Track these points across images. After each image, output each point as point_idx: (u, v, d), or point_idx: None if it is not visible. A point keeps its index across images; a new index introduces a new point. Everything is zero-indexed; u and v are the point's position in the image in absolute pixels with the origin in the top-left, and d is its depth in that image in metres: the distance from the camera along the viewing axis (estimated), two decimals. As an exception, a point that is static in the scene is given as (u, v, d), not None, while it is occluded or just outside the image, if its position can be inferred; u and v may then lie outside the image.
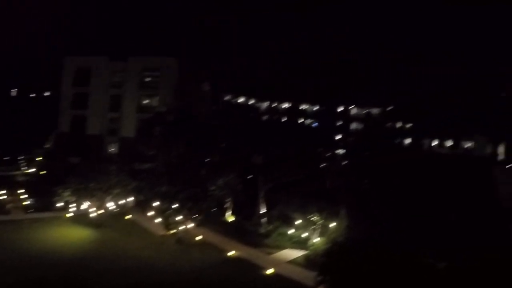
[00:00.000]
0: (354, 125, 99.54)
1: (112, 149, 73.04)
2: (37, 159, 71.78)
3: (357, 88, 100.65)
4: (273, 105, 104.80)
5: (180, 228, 40.94)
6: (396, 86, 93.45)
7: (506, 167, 48.00)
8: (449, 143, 67.69)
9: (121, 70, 74.26)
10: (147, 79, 73.87)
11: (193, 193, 43.12)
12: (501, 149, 55.34)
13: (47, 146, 77.24)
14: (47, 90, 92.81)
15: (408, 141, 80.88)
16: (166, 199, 42.99)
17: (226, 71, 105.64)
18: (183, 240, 40.86)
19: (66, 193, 45.71)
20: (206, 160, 56.73)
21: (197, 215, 41.90)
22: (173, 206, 41.59)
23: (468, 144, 64.88)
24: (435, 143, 70.72)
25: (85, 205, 46.10)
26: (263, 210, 48.47)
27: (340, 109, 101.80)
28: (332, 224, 42.34)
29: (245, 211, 49.56)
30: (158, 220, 42.83)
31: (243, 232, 45.10)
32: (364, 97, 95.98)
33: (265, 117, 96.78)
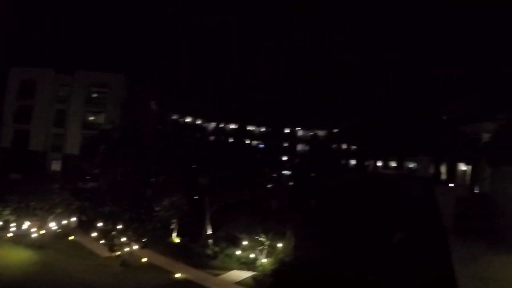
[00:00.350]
0: (300, 147, 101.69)
1: (55, 166, 70.92)
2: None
3: (303, 111, 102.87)
4: (220, 126, 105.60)
5: (125, 250, 40.15)
6: (342, 109, 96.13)
7: (447, 186, 49.66)
8: (393, 163, 70.07)
9: (67, 84, 72.11)
10: (94, 95, 72.20)
11: (138, 214, 42.43)
12: (443, 169, 57.46)
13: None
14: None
15: (353, 162, 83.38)
16: (110, 219, 42.16)
17: (174, 90, 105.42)
18: (128, 262, 39.89)
19: (6, 212, 43.90)
20: (151, 180, 56.20)
21: (142, 237, 41.33)
22: (117, 227, 40.85)
23: (412, 165, 67.22)
24: (379, 163, 72.93)
25: (26, 225, 44.39)
26: (209, 231, 48.38)
27: (287, 130, 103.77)
28: (279, 245, 42.65)
29: (191, 232, 49.22)
30: (102, 241, 41.84)
31: (190, 254, 44.55)
32: (310, 119, 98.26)
33: (212, 138, 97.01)
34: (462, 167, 56.32)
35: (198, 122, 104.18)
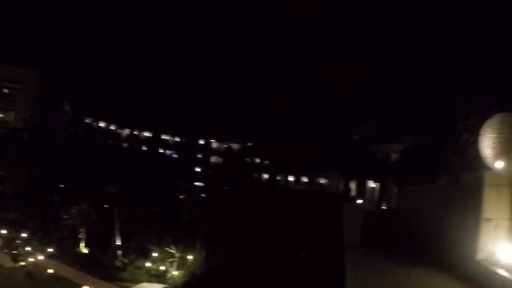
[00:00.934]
0: (214, 159, 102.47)
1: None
2: None
3: (218, 123, 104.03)
4: (134, 133, 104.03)
5: (30, 260, 38.60)
6: (256, 123, 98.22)
7: (356, 202, 51.95)
8: (305, 179, 72.26)
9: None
10: (5, 90, 68.46)
11: (44, 222, 41.01)
12: (353, 186, 60.42)
13: None
14: None
15: (265, 176, 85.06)
16: (14, 227, 40.41)
17: (90, 94, 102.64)
18: (33, 273, 38.21)
19: None
20: (60, 186, 54.45)
21: (48, 246, 39.98)
22: (22, 235, 39.24)
23: (323, 181, 69.65)
24: (291, 178, 74.88)
25: None
26: (119, 242, 47.54)
27: (201, 142, 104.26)
28: (190, 257, 42.84)
29: (100, 242, 48.11)
30: (5, 250, 39.91)
31: (98, 265, 43.54)
32: (225, 132, 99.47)
33: (125, 145, 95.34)
34: (371, 184, 59.72)
35: (112, 127, 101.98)
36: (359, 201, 50.57)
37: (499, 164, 16.47)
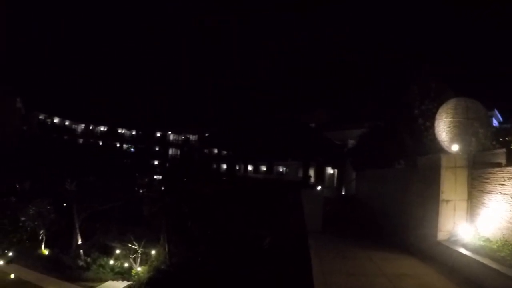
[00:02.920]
0: (172, 151, 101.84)
1: None
2: None
3: (175, 114, 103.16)
4: (90, 127, 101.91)
5: (-11, 265, 37.70)
6: (213, 113, 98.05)
7: (314, 190, 52.54)
8: (263, 167, 72.42)
9: None
10: None
11: (2, 225, 39.93)
12: (311, 173, 61.06)
13: None
14: None
15: (224, 166, 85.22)
16: (-30, 231, 39.24)
17: (42, 88, 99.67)
18: (-6, 279, 37.76)
19: None
20: (16, 186, 53.03)
21: (7, 250, 39.00)
22: (-21, 240, 38.19)
23: (281, 169, 70.02)
24: (250, 168, 75.01)
25: None
26: (80, 241, 46.78)
27: (158, 134, 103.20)
28: (153, 251, 42.57)
29: (61, 242, 47.21)
30: (-38, 257, 38.75)
31: (61, 266, 42.67)
32: (182, 123, 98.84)
33: (80, 140, 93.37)
34: (330, 170, 60.56)
35: (67, 123, 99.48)
36: (319, 188, 51.33)
37: (455, 147, 17.19)
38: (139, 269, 41.15)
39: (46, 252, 46.76)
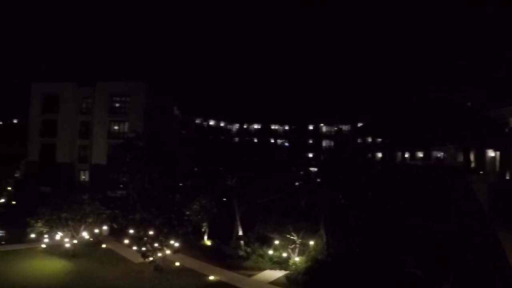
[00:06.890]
0: (325, 143, 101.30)
1: (84, 177, 71.66)
2: (7, 189, 70.12)
3: (325, 106, 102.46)
4: (244, 126, 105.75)
5: (158, 255, 40.10)
6: (363, 103, 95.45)
7: (478, 174, 48.08)
8: (420, 154, 68.12)
9: (89, 95, 72.63)
10: (117, 104, 72.45)
11: (169, 219, 42.30)
12: (472, 157, 55.76)
13: (16, 175, 75.42)
14: (14, 118, 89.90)
15: (379, 155, 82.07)
16: (141, 226, 42.06)
17: (196, 94, 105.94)
18: (162, 267, 40.10)
19: (39, 224, 44.27)
20: (180, 185, 56.26)
21: (174, 241, 41.26)
22: (149, 233, 40.82)
23: (439, 154, 65.16)
24: (406, 155, 71.06)
25: (58, 236, 44.77)
26: (240, 232, 48.32)
27: (311, 127, 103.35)
28: (311, 242, 42.17)
29: (222, 234, 49.29)
30: (135, 248, 41.85)
31: (222, 256, 44.67)
32: (334, 114, 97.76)
33: (236, 139, 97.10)
34: (491, 153, 54.71)
35: (222, 124, 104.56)
36: (481, 173, 46.85)
37: None
38: (296, 259, 41.16)
39: (208, 242, 49.14)
